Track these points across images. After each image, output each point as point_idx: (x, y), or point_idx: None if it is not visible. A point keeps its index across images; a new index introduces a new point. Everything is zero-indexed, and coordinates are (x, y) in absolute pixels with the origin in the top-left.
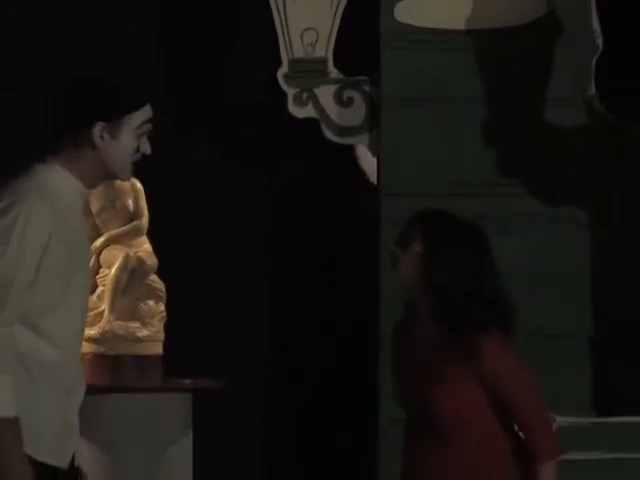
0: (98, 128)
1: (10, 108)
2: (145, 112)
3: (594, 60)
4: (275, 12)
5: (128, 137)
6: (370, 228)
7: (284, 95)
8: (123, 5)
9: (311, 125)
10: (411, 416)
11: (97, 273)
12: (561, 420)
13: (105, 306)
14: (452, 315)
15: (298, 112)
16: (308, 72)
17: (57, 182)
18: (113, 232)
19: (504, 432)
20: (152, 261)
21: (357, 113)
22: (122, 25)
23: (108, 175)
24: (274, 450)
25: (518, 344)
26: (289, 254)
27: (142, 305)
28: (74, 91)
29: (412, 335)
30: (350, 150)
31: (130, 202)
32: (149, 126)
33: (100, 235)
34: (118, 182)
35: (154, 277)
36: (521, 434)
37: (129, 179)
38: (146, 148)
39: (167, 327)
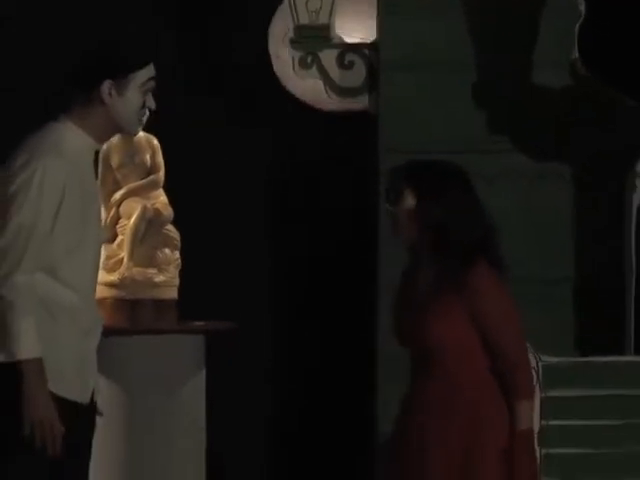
0: (106, 85)
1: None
2: (149, 70)
3: (577, 25)
4: None
5: (134, 94)
6: (368, 182)
7: (289, 58)
8: None
9: (312, 87)
10: (411, 354)
11: (117, 223)
12: (546, 360)
13: (124, 254)
14: (447, 254)
15: (303, 74)
16: (312, 37)
17: (70, 138)
18: (132, 185)
19: (492, 368)
20: (168, 212)
21: (357, 75)
22: None
23: (116, 130)
24: (281, 385)
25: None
26: (292, 203)
27: (159, 253)
28: (84, 51)
29: (413, 280)
30: (354, 115)
31: (147, 158)
32: (153, 83)
33: (120, 188)
34: (136, 139)
35: (170, 227)
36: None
37: (137, 133)
38: (151, 103)
39: (182, 273)
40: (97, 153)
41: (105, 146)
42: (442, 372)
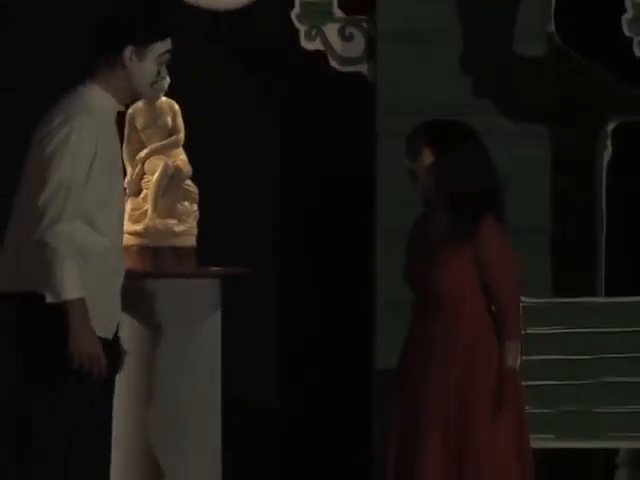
0: (128, 51)
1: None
2: (166, 44)
3: (553, 4)
4: None
5: (151, 62)
6: (367, 139)
7: (297, 31)
8: None
9: (317, 56)
10: (418, 296)
11: (142, 179)
12: (525, 300)
13: (148, 206)
14: (459, 206)
15: (308, 45)
16: (317, 12)
17: (97, 99)
18: (155, 145)
19: (490, 314)
20: (187, 169)
21: (357, 46)
22: None
23: (134, 93)
24: (288, 324)
25: None
26: (298, 159)
27: (179, 205)
28: (111, 18)
29: (426, 230)
30: (353, 79)
31: (169, 120)
32: (168, 56)
33: (144, 148)
34: (159, 104)
35: (189, 182)
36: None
37: (150, 97)
38: (164, 73)
39: (199, 223)
40: (120, 115)
41: (131, 110)
42: (445, 313)
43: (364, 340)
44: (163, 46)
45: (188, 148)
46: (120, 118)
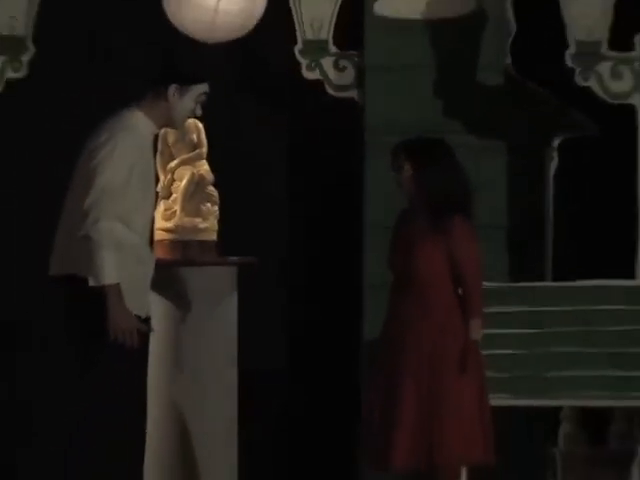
0: (173, 88)
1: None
2: (204, 87)
3: (510, 39)
4: (293, 8)
5: (189, 100)
6: (357, 152)
7: (299, 64)
8: None
9: (316, 84)
10: (397, 280)
11: (172, 184)
12: (487, 284)
13: (177, 207)
14: (435, 207)
15: (309, 75)
16: (315, 48)
17: (138, 123)
18: (183, 157)
19: (457, 295)
20: (209, 176)
21: (349, 76)
22: None
23: (170, 122)
24: (293, 305)
25: None
26: (302, 170)
27: (202, 206)
28: (164, 62)
29: (407, 225)
30: (345, 103)
31: (194, 136)
32: (204, 97)
33: (174, 159)
34: (186, 123)
35: (211, 187)
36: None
37: (179, 128)
38: (198, 112)
39: (219, 221)
40: (156, 135)
41: (163, 129)
42: (420, 293)
43: (354, 316)
44: (202, 88)
45: (210, 160)
46: (154, 137)
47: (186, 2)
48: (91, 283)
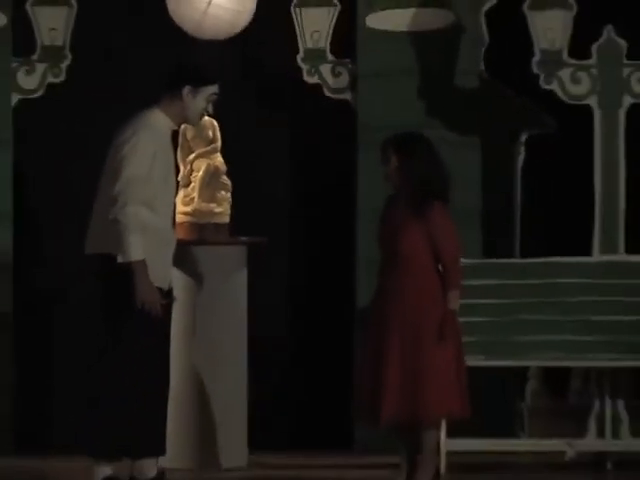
0: (187, 89)
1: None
2: (214, 88)
3: (483, 49)
4: (295, 22)
5: (201, 100)
6: (351, 146)
7: (301, 69)
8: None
9: (315, 87)
10: (385, 257)
11: (191, 174)
12: (464, 261)
13: (195, 194)
14: (416, 194)
15: (309, 79)
16: (315, 56)
17: (158, 120)
18: (200, 150)
19: (437, 270)
20: (223, 168)
21: (344, 81)
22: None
23: (185, 119)
24: (295, 279)
25: None
26: (303, 162)
27: (217, 194)
28: (178, 66)
29: (393, 208)
30: (341, 104)
31: (210, 133)
32: (215, 97)
33: (192, 152)
34: (203, 121)
35: (224, 177)
36: (442, 270)
37: (196, 125)
38: (210, 110)
39: (232, 207)
40: (176, 130)
41: (183, 126)
42: (405, 267)
43: (349, 286)
44: (213, 89)
45: (224, 153)
46: (175, 132)
47: (182, 3)
48: (120, 260)
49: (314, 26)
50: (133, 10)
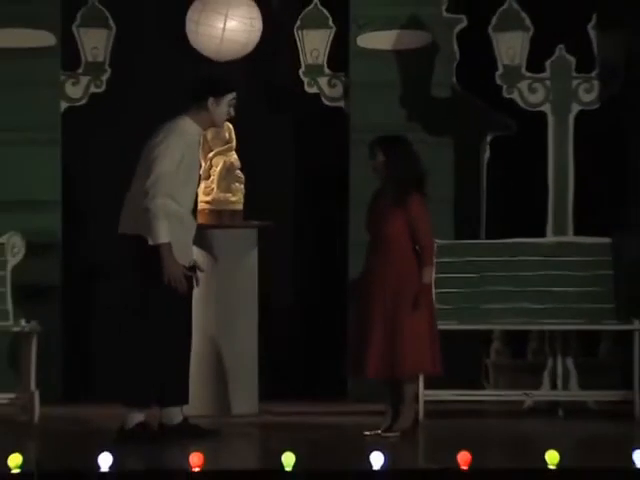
0: (211, 99)
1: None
2: (233, 94)
3: (455, 64)
4: (298, 42)
5: (224, 106)
6: (344, 146)
7: (302, 81)
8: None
9: (314, 96)
10: (372, 239)
11: (210, 169)
12: (438, 241)
13: (214, 185)
14: (399, 187)
15: (309, 90)
16: (314, 70)
17: (187, 126)
18: (218, 149)
19: (414, 250)
20: (237, 163)
21: (338, 91)
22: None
23: (212, 124)
24: (298, 257)
25: None
26: (304, 159)
27: (232, 185)
28: (201, 81)
29: (378, 200)
30: (336, 110)
31: (227, 134)
32: (234, 102)
33: (211, 151)
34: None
35: (238, 172)
36: (419, 250)
37: (222, 128)
38: (232, 113)
39: (245, 196)
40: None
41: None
42: (388, 248)
43: (343, 263)
44: (231, 96)
45: (238, 151)
46: None
47: (200, 33)
48: (150, 242)
49: (313, 45)
50: (162, 33)
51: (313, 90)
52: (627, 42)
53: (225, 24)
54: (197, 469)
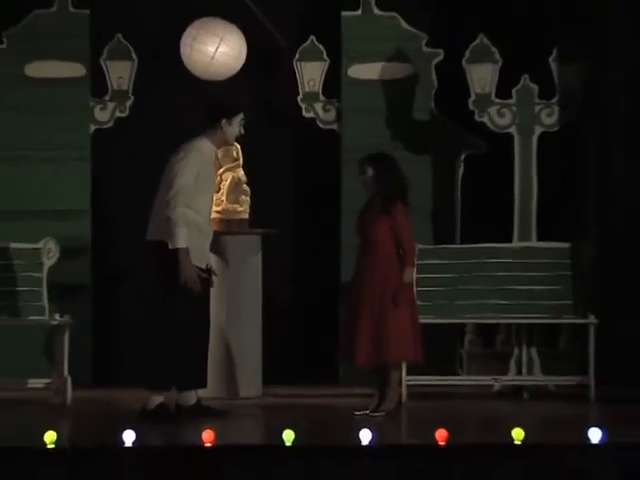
0: (224, 121)
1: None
2: (241, 115)
3: (433, 91)
4: (297, 72)
5: (235, 126)
6: (337, 163)
7: (300, 107)
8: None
9: (311, 120)
10: (362, 243)
11: (220, 183)
12: (419, 246)
13: (224, 197)
14: (385, 197)
15: (307, 114)
16: (311, 97)
17: (204, 145)
18: (227, 165)
19: (398, 253)
20: (244, 178)
21: (332, 115)
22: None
23: (225, 143)
24: (297, 260)
25: None
26: (303, 174)
27: (239, 197)
28: (214, 106)
29: (367, 209)
30: (330, 132)
31: (235, 153)
32: (243, 121)
33: (222, 167)
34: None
35: (245, 185)
36: (402, 253)
37: (233, 145)
38: (242, 131)
39: (251, 207)
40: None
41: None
42: (375, 252)
43: (335, 265)
44: (240, 116)
45: (244, 168)
46: None
47: (193, 55)
48: (170, 247)
49: (310, 75)
50: (177, 64)
51: (310, 115)
52: (583, 73)
53: (217, 48)
54: (209, 444)
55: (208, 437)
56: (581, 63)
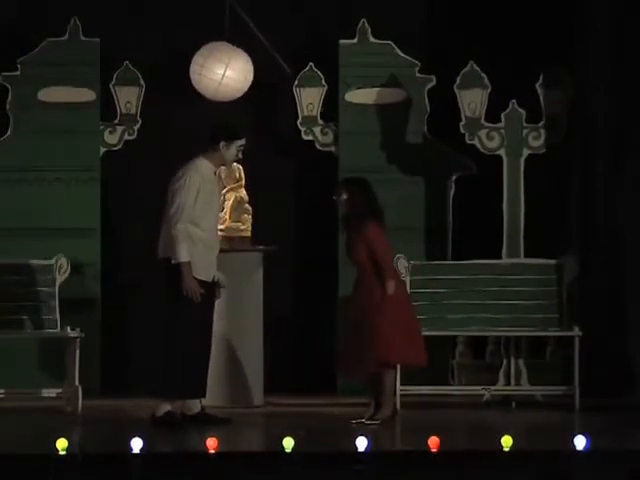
0: (223, 144)
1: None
2: (242, 141)
3: (426, 116)
4: (296, 97)
5: (233, 150)
6: (334, 184)
7: (300, 130)
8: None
9: (310, 143)
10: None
11: (223, 202)
12: (413, 262)
13: (227, 216)
14: (358, 217)
15: (306, 137)
16: (310, 121)
17: (203, 165)
18: (230, 186)
19: (377, 271)
20: (246, 198)
21: (329, 138)
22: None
23: (223, 164)
24: (296, 276)
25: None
26: (301, 193)
27: (242, 216)
28: (215, 128)
29: (347, 233)
30: (328, 154)
31: (237, 174)
32: (242, 147)
33: (225, 187)
34: (233, 165)
35: (247, 205)
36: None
37: (231, 167)
38: (240, 156)
39: (252, 225)
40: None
41: (218, 170)
42: (359, 272)
43: (333, 280)
44: (240, 142)
45: (246, 188)
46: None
47: (203, 79)
48: (173, 261)
49: (309, 100)
50: (181, 90)
51: (309, 137)
52: (568, 98)
53: (225, 71)
54: (212, 451)
55: (212, 444)
56: (566, 88)
